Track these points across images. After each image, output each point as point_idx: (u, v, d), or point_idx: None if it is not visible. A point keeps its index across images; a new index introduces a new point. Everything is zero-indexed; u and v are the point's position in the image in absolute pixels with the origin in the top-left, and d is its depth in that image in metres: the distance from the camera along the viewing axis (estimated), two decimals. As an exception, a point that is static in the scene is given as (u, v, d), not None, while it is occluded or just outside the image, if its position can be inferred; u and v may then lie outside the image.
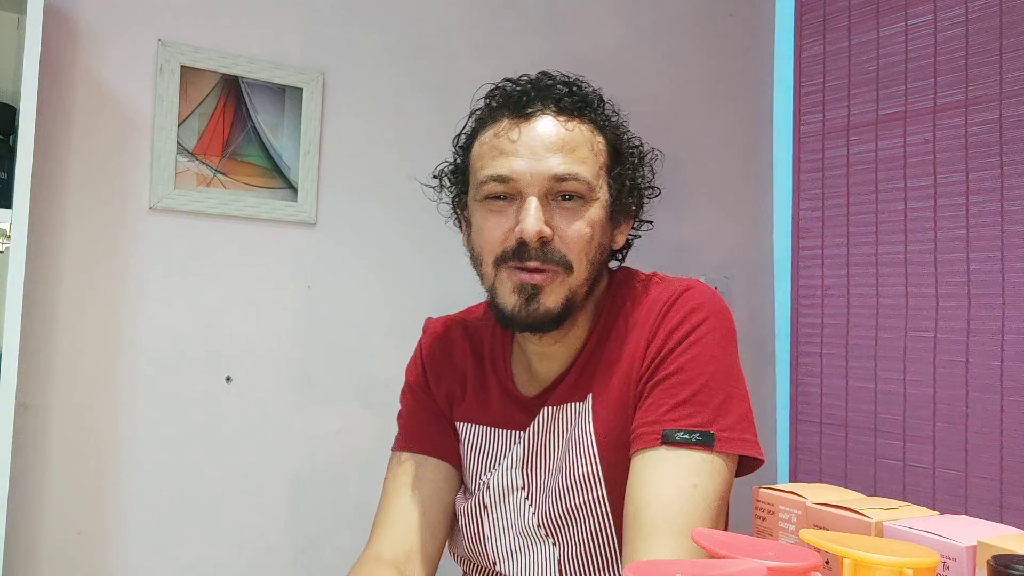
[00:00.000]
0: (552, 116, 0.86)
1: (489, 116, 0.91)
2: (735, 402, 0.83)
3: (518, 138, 0.85)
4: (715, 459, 0.80)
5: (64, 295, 1.37)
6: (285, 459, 1.56)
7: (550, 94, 0.88)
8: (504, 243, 0.86)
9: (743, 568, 0.43)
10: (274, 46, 1.57)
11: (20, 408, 1.24)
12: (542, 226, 0.83)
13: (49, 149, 1.35)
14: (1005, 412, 1.71)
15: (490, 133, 0.89)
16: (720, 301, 0.89)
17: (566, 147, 0.85)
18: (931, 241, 1.85)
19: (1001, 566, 0.46)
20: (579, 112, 0.88)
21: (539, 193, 0.84)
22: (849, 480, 1.97)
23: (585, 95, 0.90)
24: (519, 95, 0.88)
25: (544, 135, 0.85)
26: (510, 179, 0.84)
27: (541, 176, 0.84)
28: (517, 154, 0.85)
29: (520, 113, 0.87)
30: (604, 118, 0.91)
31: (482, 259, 0.89)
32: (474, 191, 0.89)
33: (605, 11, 1.99)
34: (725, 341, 0.86)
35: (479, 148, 0.90)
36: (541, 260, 0.84)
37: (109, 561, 1.39)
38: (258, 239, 1.54)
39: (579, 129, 0.87)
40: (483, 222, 0.88)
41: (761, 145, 2.26)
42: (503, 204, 0.86)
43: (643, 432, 0.83)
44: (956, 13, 1.83)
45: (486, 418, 0.97)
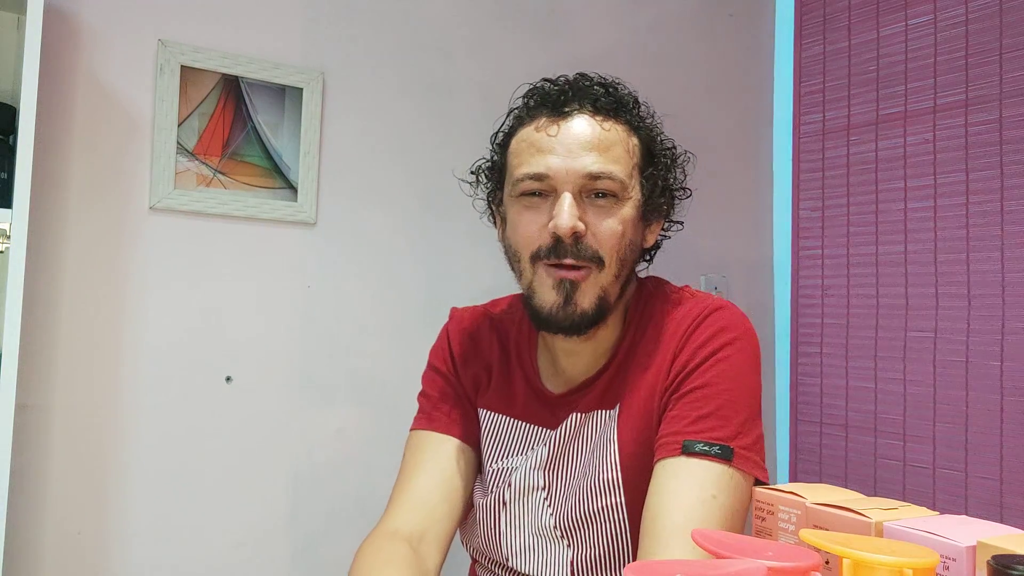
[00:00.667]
0: (589, 115, 0.89)
1: (527, 114, 0.93)
2: (754, 423, 0.86)
3: (555, 135, 0.87)
4: (734, 474, 0.81)
5: (64, 295, 1.37)
6: (285, 458, 1.56)
7: (587, 94, 0.90)
8: (539, 239, 0.88)
9: (743, 568, 0.43)
10: (274, 46, 1.57)
11: (20, 408, 1.24)
12: (576, 221, 0.85)
13: (49, 149, 1.35)
14: (1005, 412, 1.72)
15: (528, 130, 0.91)
16: (749, 324, 0.92)
17: (601, 146, 0.87)
18: (931, 241, 1.85)
19: (1001, 566, 0.46)
20: (615, 112, 0.90)
21: (573, 190, 0.86)
22: (849, 480, 1.97)
23: (621, 96, 0.93)
24: (557, 94, 0.90)
25: (580, 133, 0.87)
26: (546, 176, 0.87)
27: (576, 173, 0.86)
28: (553, 151, 0.87)
29: (558, 111, 0.89)
30: (639, 119, 0.93)
31: (519, 255, 0.91)
32: (510, 188, 0.91)
33: (605, 11, 1.99)
34: (752, 362, 0.89)
35: (516, 145, 0.92)
36: (575, 256, 0.86)
37: (109, 561, 1.39)
38: (258, 239, 1.54)
39: (614, 129, 0.89)
40: (518, 218, 0.90)
41: (761, 145, 2.26)
42: (538, 200, 0.88)
43: (665, 442, 0.84)
44: (956, 13, 1.83)
45: (510, 410, 0.99)
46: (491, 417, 1.01)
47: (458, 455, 0.99)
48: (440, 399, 1.03)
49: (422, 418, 1.03)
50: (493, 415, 1.01)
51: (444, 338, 1.07)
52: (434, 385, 1.05)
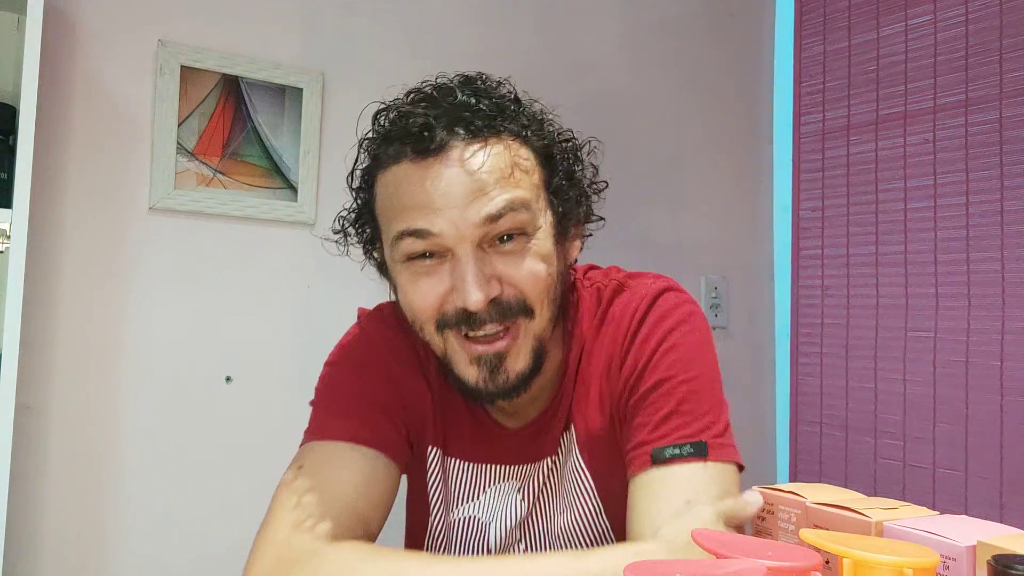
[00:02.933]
0: (463, 146, 0.71)
1: (386, 152, 0.75)
2: (721, 408, 0.77)
3: (430, 185, 0.70)
4: (710, 468, 0.73)
5: (64, 295, 1.37)
6: (285, 459, 1.55)
7: (456, 117, 0.72)
8: (442, 308, 0.73)
9: (743, 568, 0.43)
10: (274, 46, 1.57)
11: (20, 409, 1.24)
12: (485, 289, 0.70)
13: (49, 149, 1.35)
14: (1005, 412, 1.71)
15: (393, 177, 0.73)
16: (690, 302, 0.82)
17: (490, 181, 0.70)
18: (931, 241, 1.85)
19: (1001, 566, 0.46)
20: (494, 129, 0.72)
21: (472, 245, 0.70)
22: (849, 480, 1.97)
23: (498, 105, 0.74)
24: (419, 129, 0.71)
25: (461, 177, 0.70)
26: (431, 233, 0.70)
27: (469, 225, 0.69)
28: (432, 206, 0.69)
29: (424, 151, 0.71)
30: (525, 123, 0.76)
31: (420, 325, 0.76)
32: (391, 250, 0.75)
33: (605, 11, 1.99)
34: (702, 343, 0.79)
35: (384, 199, 0.75)
36: (498, 319, 0.72)
37: (109, 561, 1.39)
38: (258, 239, 1.54)
39: (500, 153, 0.72)
40: (411, 287, 0.74)
41: (761, 145, 2.26)
42: (431, 263, 0.72)
43: (634, 456, 0.76)
44: (956, 13, 1.83)
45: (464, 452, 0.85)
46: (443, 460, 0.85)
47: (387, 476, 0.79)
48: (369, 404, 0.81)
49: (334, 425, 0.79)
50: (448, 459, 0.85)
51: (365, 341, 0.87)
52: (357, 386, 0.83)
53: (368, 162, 0.79)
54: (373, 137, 0.78)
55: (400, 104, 0.77)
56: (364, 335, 0.87)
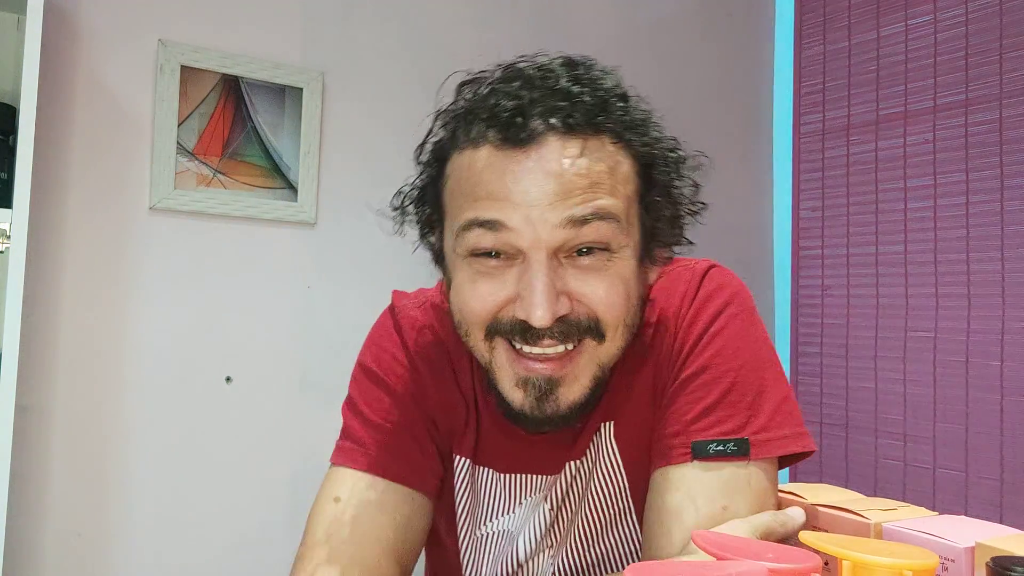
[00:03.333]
0: (558, 142, 0.62)
1: (466, 131, 0.66)
2: (767, 395, 0.70)
3: (513, 178, 0.61)
4: (751, 468, 0.67)
5: (64, 295, 1.37)
6: (285, 459, 1.56)
7: (553, 107, 0.62)
8: (498, 315, 0.65)
9: (743, 570, 0.43)
10: (274, 46, 1.57)
11: (20, 409, 1.24)
12: (554, 305, 0.62)
13: (49, 149, 1.35)
14: (1005, 412, 1.72)
15: (468, 159, 0.65)
16: (736, 281, 0.76)
17: (581, 184, 0.61)
18: (931, 241, 1.85)
19: (1000, 568, 0.46)
20: (595, 127, 0.64)
21: (548, 253, 0.62)
22: (849, 480, 1.97)
23: (604, 99, 0.65)
24: (511, 113, 0.62)
25: (550, 174, 0.61)
26: (504, 227, 0.62)
27: (548, 227, 0.61)
28: (511, 200, 0.61)
29: (512, 139, 0.62)
30: (630, 125, 0.67)
31: (466, 329, 0.68)
32: (453, 239, 0.66)
33: (604, 11, 1.99)
34: (748, 325, 0.73)
35: (456, 183, 0.66)
36: (560, 338, 0.64)
37: (109, 561, 1.39)
38: (258, 239, 1.54)
39: (597, 155, 0.63)
40: (469, 286, 0.65)
41: (761, 145, 2.26)
42: (497, 264, 0.64)
43: (669, 445, 0.69)
44: (956, 13, 1.83)
45: (490, 460, 0.78)
46: (472, 470, 0.78)
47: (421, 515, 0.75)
48: (402, 434, 0.75)
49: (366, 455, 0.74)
50: (477, 468, 0.78)
51: (400, 345, 0.79)
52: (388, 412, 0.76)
53: (443, 136, 0.69)
54: (454, 110, 0.68)
55: (491, 79, 0.67)
56: (398, 336, 0.80)
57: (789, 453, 0.69)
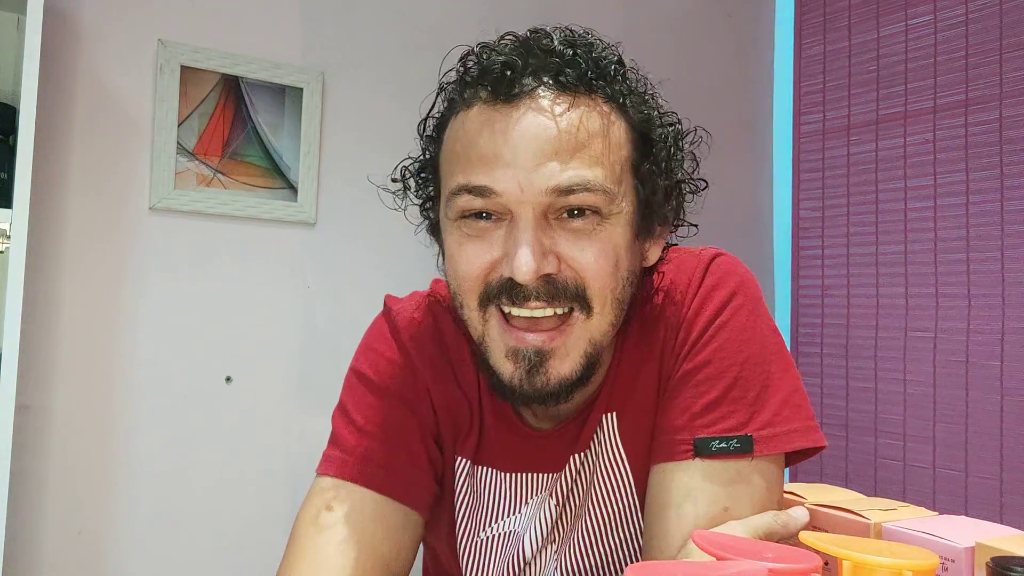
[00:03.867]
0: (549, 97, 0.62)
1: (461, 97, 0.65)
2: (773, 389, 0.67)
3: (502, 135, 0.61)
4: (754, 466, 0.66)
5: (64, 295, 1.37)
6: (285, 459, 1.56)
7: (546, 64, 0.63)
8: (487, 278, 0.64)
9: (743, 569, 0.43)
10: (274, 46, 1.57)
11: (20, 409, 1.24)
12: (540, 262, 0.60)
13: (49, 149, 1.35)
14: (1005, 412, 1.72)
15: (462, 123, 0.64)
16: (742, 269, 0.74)
17: (572, 143, 0.61)
18: (931, 241, 1.85)
19: (1000, 568, 0.46)
20: (588, 87, 0.63)
21: (535, 212, 0.61)
22: (849, 480, 1.97)
23: (597, 60, 0.65)
24: (501, 68, 0.62)
25: (538, 130, 0.60)
26: (492, 191, 0.61)
27: (536, 190, 0.60)
28: (500, 158, 0.60)
29: (504, 94, 0.62)
30: (626, 90, 0.66)
31: (461, 299, 0.66)
32: (445, 205, 0.66)
33: (604, 11, 1.99)
34: (754, 316, 0.70)
35: (449, 145, 0.66)
36: (546, 299, 0.62)
37: (109, 561, 1.39)
38: (258, 239, 1.55)
39: (588, 115, 0.62)
40: (458, 250, 0.65)
41: (761, 145, 2.26)
42: (486, 226, 0.63)
43: (671, 440, 0.67)
44: (956, 13, 1.83)
45: (495, 460, 0.76)
46: (470, 471, 0.76)
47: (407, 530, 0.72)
48: (395, 444, 0.72)
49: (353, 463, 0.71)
50: (474, 468, 0.76)
51: (396, 349, 0.76)
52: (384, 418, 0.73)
53: (443, 109, 0.69)
54: (453, 81, 0.68)
55: (487, 44, 0.68)
56: (394, 340, 0.77)
57: (795, 449, 0.67)
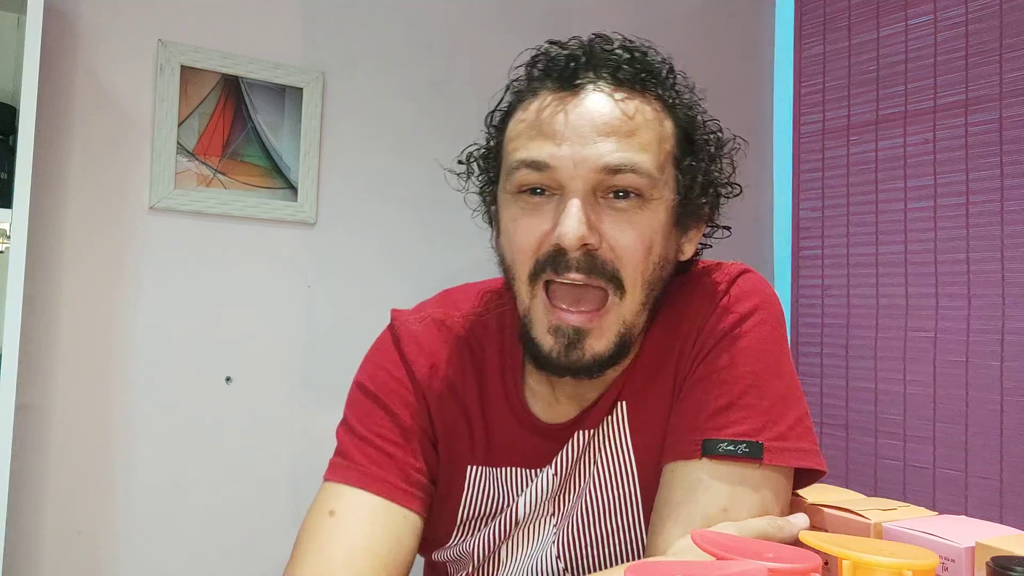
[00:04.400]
0: (607, 90, 0.69)
1: (529, 89, 0.73)
2: (787, 404, 0.70)
3: (562, 116, 0.68)
4: (761, 474, 0.67)
5: (64, 295, 1.37)
6: (285, 459, 1.56)
7: (605, 61, 0.70)
8: (539, 251, 0.69)
9: (743, 569, 0.43)
10: (274, 46, 1.57)
11: (20, 409, 1.24)
12: (585, 230, 0.66)
13: (49, 149, 1.35)
14: (1005, 412, 1.71)
15: (528, 108, 0.71)
16: (768, 289, 0.78)
17: (623, 130, 0.67)
18: (931, 241, 1.85)
19: (1000, 567, 0.46)
20: (642, 85, 0.71)
21: (585, 188, 0.67)
22: (849, 480, 1.97)
23: (651, 64, 0.72)
24: (566, 61, 0.70)
25: (595, 113, 0.68)
26: (548, 166, 0.68)
27: (588, 166, 0.67)
28: (559, 136, 0.68)
29: (566, 84, 0.69)
30: (675, 94, 0.74)
31: (514, 271, 0.72)
32: (504, 180, 0.72)
33: (604, 12, 1.99)
34: (774, 334, 0.74)
35: (514, 127, 0.72)
36: (585, 271, 0.68)
37: (109, 561, 1.39)
38: (258, 239, 1.55)
39: (641, 107, 0.69)
40: (513, 222, 0.71)
41: (761, 145, 2.26)
42: (540, 201, 0.69)
43: (680, 439, 0.70)
44: (956, 13, 1.82)
45: (500, 458, 0.78)
46: (487, 473, 0.79)
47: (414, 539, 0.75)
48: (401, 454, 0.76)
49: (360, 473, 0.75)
50: (482, 470, 0.79)
51: (398, 363, 0.80)
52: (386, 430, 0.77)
53: (510, 100, 0.76)
54: (522, 77, 0.75)
55: (554, 45, 0.74)
56: (397, 355, 0.81)
57: (804, 466, 0.69)
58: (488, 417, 0.79)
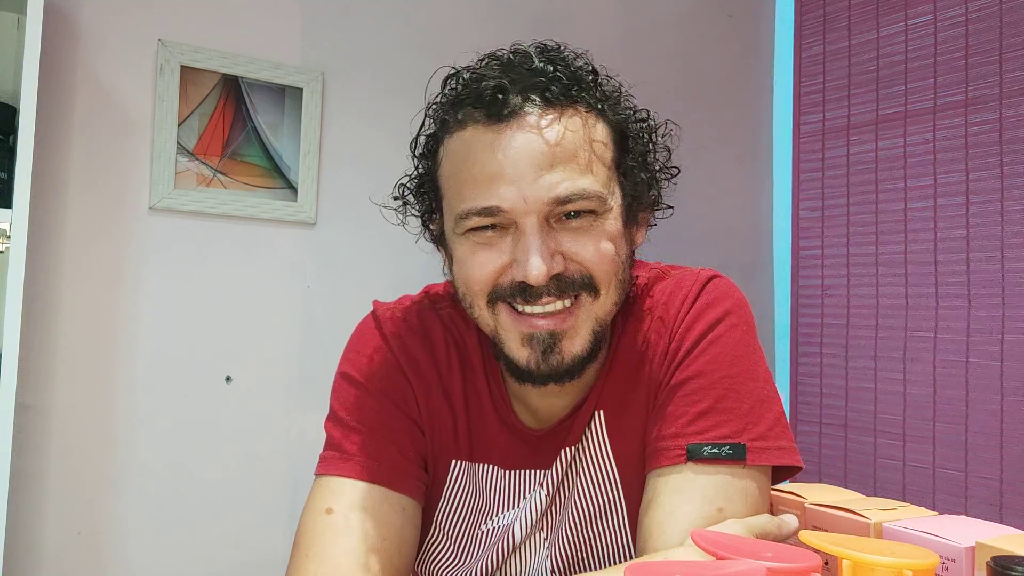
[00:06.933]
0: (537, 114, 0.67)
1: (454, 117, 0.71)
2: (765, 406, 0.72)
3: (501, 155, 0.66)
4: (746, 474, 0.69)
5: (64, 295, 1.37)
6: (285, 459, 1.56)
7: (531, 83, 0.68)
8: (497, 280, 0.69)
9: (743, 569, 0.43)
10: (274, 46, 1.57)
11: (20, 409, 1.24)
12: (549, 264, 0.66)
13: (49, 149, 1.35)
14: (1005, 412, 1.71)
15: (459, 143, 0.70)
16: (738, 293, 0.79)
17: (563, 155, 0.67)
18: (931, 241, 1.85)
19: (1000, 567, 0.46)
20: (570, 99, 0.69)
21: (539, 219, 0.66)
22: (849, 480, 1.97)
23: (575, 73, 0.70)
24: (493, 91, 0.67)
25: (533, 146, 0.66)
26: (499, 210, 0.67)
27: (538, 201, 0.66)
28: (502, 177, 0.66)
29: (495, 115, 0.67)
30: (602, 96, 0.72)
31: (470, 300, 0.72)
32: (452, 222, 0.71)
33: (604, 12, 1.99)
34: (747, 337, 0.75)
35: (448, 165, 0.72)
36: (556, 293, 0.68)
37: (109, 561, 1.39)
38: (258, 239, 1.54)
39: (575, 124, 0.68)
40: (469, 257, 0.70)
41: (761, 145, 2.26)
42: (493, 236, 0.69)
43: (664, 447, 0.70)
44: (956, 13, 1.82)
45: (492, 457, 0.79)
46: (469, 469, 0.79)
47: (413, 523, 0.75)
48: (391, 439, 0.75)
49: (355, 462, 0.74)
50: (473, 466, 0.79)
51: (383, 351, 0.79)
52: (376, 416, 0.76)
53: (434, 127, 0.74)
54: (441, 101, 0.74)
55: (472, 67, 0.72)
56: (381, 341, 0.81)
57: (784, 464, 0.71)
58: (471, 411, 0.79)
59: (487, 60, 0.72)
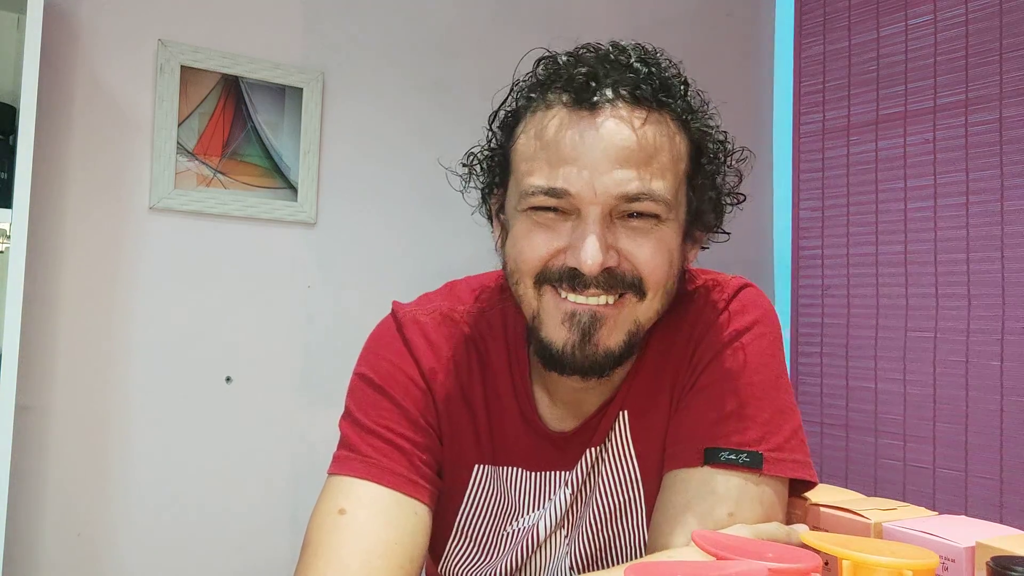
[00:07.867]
0: (625, 110, 0.67)
1: (540, 96, 0.71)
2: (785, 416, 0.72)
3: (580, 139, 0.67)
4: (761, 482, 0.69)
5: (64, 295, 1.37)
6: (285, 459, 1.56)
7: (623, 78, 0.68)
8: (549, 263, 0.69)
9: (744, 569, 0.43)
10: (274, 46, 1.57)
11: (20, 409, 1.24)
12: (605, 258, 0.66)
13: (49, 149, 1.35)
14: (1005, 412, 1.71)
15: (541, 122, 0.69)
16: (767, 303, 0.79)
17: (642, 156, 0.67)
18: (931, 241, 1.85)
19: (1000, 567, 0.46)
20: (659, 102, 0.69)
21: (602, 212, 0.67)
22: (849, 480, 1.97)
23: (667, 79, 0.70)
24: (585, 77, 0.68)
25: (614, 139, 0.66)
26: (566, 193, 0.67)
27: (607, 193, 0.66)
28: (577, 161, 0.66)
29: (583, 101, 0.67)
30: (688, 107, 0.72)
31: (519, 277, 0.71)
32: (516, 198, 0.71)
33: (604, 11, 1.99)
34: (773, 348, 0.75)
35: (525, 141, 0.71)
36: (604, 288, 0.68)
37: (109, 562, 1.39)
38: (258, 239, 1.54)
39: (658, 128, 0.68)
40: (525, 236, 0.70)
41: (761, 145, 2.26)
42: (553, 219, 0.69)
43: (682, 449, 0.71)
44: (956, 13, 1.82)
45: (514, 459, 0.78)
46: (493, 472, 0.78)
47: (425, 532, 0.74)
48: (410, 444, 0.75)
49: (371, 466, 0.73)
50: (496, 469, 0.78)
51: (404, 355, 0.78)
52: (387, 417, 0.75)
53: (516, 104, 0.74)
54: (531, 81, 0.73)
55: (569, 53, 0.72)
56: (401, 345, 0.79)
57: (799, 477, 0.71)
58: (492, 414, 0.78)
59: (583, 47, 0.72)
